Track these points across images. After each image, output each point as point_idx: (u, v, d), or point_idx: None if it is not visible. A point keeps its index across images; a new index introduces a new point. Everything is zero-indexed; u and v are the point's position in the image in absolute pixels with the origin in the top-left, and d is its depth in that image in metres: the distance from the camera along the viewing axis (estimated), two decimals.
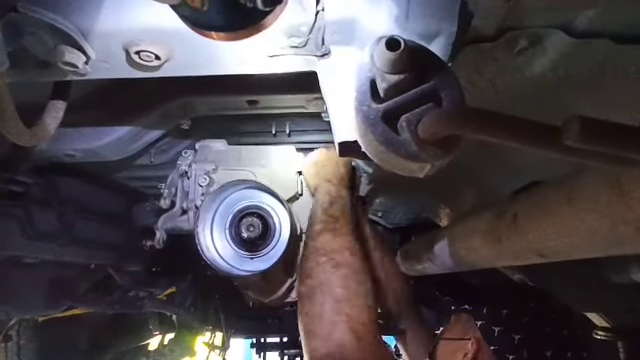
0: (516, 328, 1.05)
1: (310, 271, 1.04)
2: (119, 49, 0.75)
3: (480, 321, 1.13)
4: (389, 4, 0.70)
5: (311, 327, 0.94)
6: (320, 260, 1.04)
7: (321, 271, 1.01)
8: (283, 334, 2.73)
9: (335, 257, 1.04)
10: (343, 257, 1.04)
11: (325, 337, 0.90)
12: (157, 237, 1.50)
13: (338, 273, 1.00)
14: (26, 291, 1.63)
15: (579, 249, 0.75)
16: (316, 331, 0.92)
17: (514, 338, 1.02)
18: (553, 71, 0.78)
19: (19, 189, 1.38)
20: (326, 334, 0.90)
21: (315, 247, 1.09)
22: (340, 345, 0.87)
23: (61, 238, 1.54)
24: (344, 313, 0.92)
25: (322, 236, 1.12)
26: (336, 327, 0.90)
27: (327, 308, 0.94)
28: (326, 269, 1.01)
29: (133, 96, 1.26)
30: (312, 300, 0.98)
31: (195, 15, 0.64)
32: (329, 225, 1.14)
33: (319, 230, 1.14)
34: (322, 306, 0.94)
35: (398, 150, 0.58)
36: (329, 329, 0.90)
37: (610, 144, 0.39)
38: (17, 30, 0.68)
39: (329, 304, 0.94)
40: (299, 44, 0.76)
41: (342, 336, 0.89)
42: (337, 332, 0.89)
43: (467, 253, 1.21)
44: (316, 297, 0.97)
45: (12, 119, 0.72)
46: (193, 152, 1.52)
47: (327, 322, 0.92)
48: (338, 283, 0.98)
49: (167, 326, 2.62)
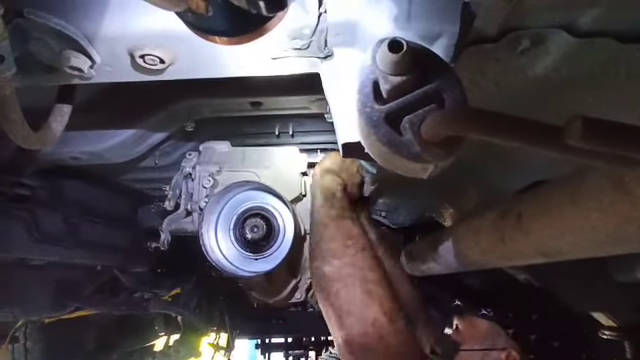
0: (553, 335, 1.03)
1: (338, 252, 1.05)
2: (124, 53, 0.76)
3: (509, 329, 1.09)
4: (391, 6, 0.70)
5: (344, 306, 0.95)
6: (347, 243, 1.06)
7: (350, 253, 1.03)
8: (288, 335, 2.74)
9: (360, 241, 1.06)
10: (366, 243, 1.06)
11: (359, 316, 0.92)
12: (162, 239, 1.51)
13: (366, 257, 1.02)
14: (32, 293, 1.65)
15: (583, 248, 0.75)
16: (350, 310, 0.93)
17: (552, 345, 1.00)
18: (556, 71, 0.78)
19: (25, 192, 1.39)
20: (360, 313, 0.92)
21: (339, 228, 1.10)
22: (375, 324, 0.89)
23: (67, 240, 1.55)
24: (375, 294, 0.94)
25: (344, 221, 1.13)
26: (370, 307, 0.92)
27: (359, 288, 0.95)
28: (354, 252, 1.03)
29: (137, 99, 1.27)
30: (343, 280, 0.99)
31: (199, 20, 0.64)
32: (347, 212, 1.16)
33: (339, 214, 1.15)
34: (354, 286, 0.96)
35: (401, 151, 0.58)
36: (362, 308, 0.92)
37: (613, 144, 0.39)
38: (24, 35, 0.69)
39: (360, 284, 0.96)
40: (302, 46, 0.76)
41: (376, 316, 0.91)
42: (371, 312, 0.91)
43: (471, 253, 1.21)
44: (347, 278, 0.99)
45: (19, 123, 0.73)
46: (197, 154, 1.53)
47: (360, 301, 0.94)
48: (366, 266, 1.00)
49: (172, 327, 2.64)
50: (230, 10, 0.60)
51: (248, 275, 1.42)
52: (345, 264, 1.01)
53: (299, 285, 1.68)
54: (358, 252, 1.04)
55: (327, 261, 1.06)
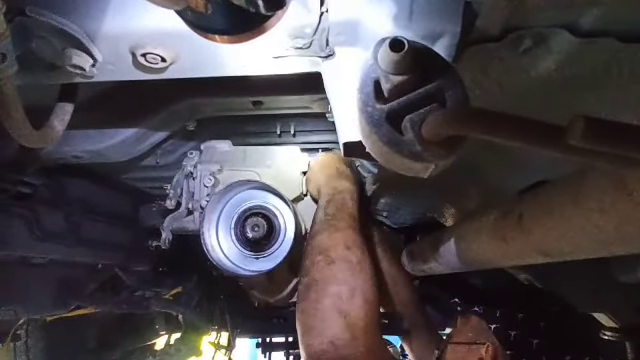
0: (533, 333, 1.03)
1: (306, 269, 1.05)
2: (126, 52, 0.76)
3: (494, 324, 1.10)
4: (393, 5, 0.70)
5: (306, 323, 0.94)
6: (315, 259, 1.05)
7: (316, 269, 1.02)
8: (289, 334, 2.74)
9: (330, 254, 1.04)
10: (337, 253, 1.04)
11: (319, 333, 0.90)
12: (163, 237, 1.51)
13: (333, 269, 1.00)
14: (34, 291, 1.65)
15: (585, 249, 0.75)
16: (310, 326, 0.92)
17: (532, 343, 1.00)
18: (558, 71, 0.78)
19: (27, 190, 1.40)
20: (320, 330, 0.90)
21: (312, 246, 1.11)
22: (334, 341, 0.87)
23: (68, 238, 1.55)
24: (339, 309, 0.92)
25: (318, 235, 1.13)
26: (330, 323, 0.90)
27: (322, 305, 0.94)
28: (320, 266, 1.02)
29: (139, 98, 1.27)
30: (307, 297, 0.98)
31: (199, 19, 0.64)
32: (325, 224, 1.16)
33: (316, 230, 1.16)
34: (316, 302, 0.95)
35: (402, 150, 0.58)
36: (323, 325, 0.91)
37: (615, 144, 0.39)
38: (26, 33, 0.69)
39: (325, 301, 0.95)
40: (303, 45, 0.76)
41: (337, 332, 0.88)
42: (331, 328, 0.89)
43: (472, 253, 1.21)
44: (310, 294, 0.98)
45: (21, 121, 0.73)
46: (198, 153, 1.53)
47: (321, 318, 0.92)
48: (333, 280, 0.98)
49: (173, 326, 2.64)
50: (229, 8, 0.60)
51: (249, 274, 1.42)
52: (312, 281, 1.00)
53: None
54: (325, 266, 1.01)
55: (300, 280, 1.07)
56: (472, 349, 0.99)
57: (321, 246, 1.08)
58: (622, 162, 0.42)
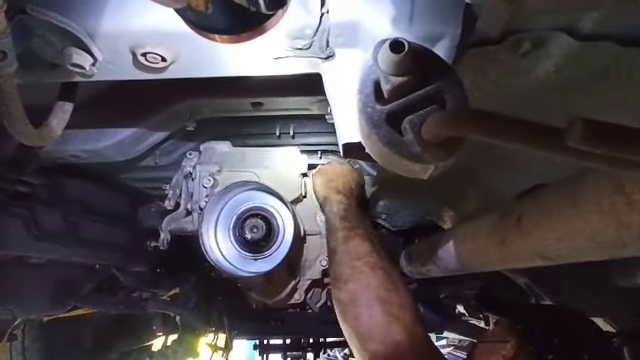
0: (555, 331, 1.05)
1: (348, 276, 1.04)
2: (126, 51, 0.76)
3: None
4: (393, 7, 0.70)
5: (364, 331, 0.94)
6: (356, 264, 1.05)
7: (361, 275, 1.02)
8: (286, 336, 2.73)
9: (370, 260, 1.05)
10: (376, 259, 1.05)
11: (382, 339, 0.91)
12: (161, 238, 1.50)
13: (378, 275, 1.01)
14: (31, 291, 1.65)
15: (583, 252, 0.75)
16: (372, 334, 0.93)
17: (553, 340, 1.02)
18: (557, 73, 0.78)
19: (25, 189, 1.39)
20: (382, 336, 0.91)
21: (347, 251, 1.10)
22: (397, 345, 0.89)
23: (66, 238, 1.55)
24: (393, 314, 0.94)
25: (350, 241, 1.12)
26: (390, 328, 0.91)
27: (376, 310, 0.95)
28: (365, 272, 1.02)
29: (138, 98, 1.27)
30: (358, 304, 0.98)
31: (199, 18, 0.64)
32: (353, 230, 1.15)
33: (345, 236, 1.15)
34: (370, 309, 0.95)
35: (402, 151, 0.58)
36: (383, 331, 0.92)
37: (613, 146, 0.39)
38: (26, 32, 0.69)
39: (377, 306, 0.95)
40: (303, 46, 0.76)
41: (397, 336, 0.90)
42: (391, 333, 0.91)
43: (471, 255, 1.21)
44: (362, 301, 0.98)
45: (20, 120, 0.73)
46: (197, 154, 1.53)
47: (379, 324, 0.93)
48: (379, 285, 0.99)
49: (170, 327, 2.63)
50: (229, 8, 0.60)
51: (247, 275, 1.42)
52: (360, 287, 1.01)
53: (298, 286, 1.67)
54: (369, 271, 1.03)
55: (340, 287, 1.05)
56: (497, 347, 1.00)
57: (358, 251, 1.08)
58: (621, 164, 0.42)
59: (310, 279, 1.65)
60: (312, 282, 1.68)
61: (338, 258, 1.11)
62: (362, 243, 1.12)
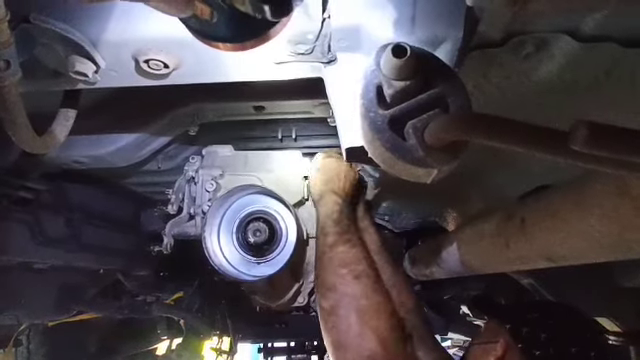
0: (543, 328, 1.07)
1: (332, 284, 1.05)
2: (128, 58, 0.76)
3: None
4: (395, 11, 0.70)
5: (341, 340, 0.95)
6: (341, 272, 1.05)
7: (343, 283, 1.03)
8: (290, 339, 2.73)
9: (356, 268, 1.05)
10: (362, 267, 1.05)
11: (356, 350, 0.92)
12: (165, 242, 1.51)
13: (360, 284, 1.01)
14: (36, 296, 1.65)
15: (587, 254, 0.74)
16: (346, 344, 0.94)
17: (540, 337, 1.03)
18: (560, 76, 0.78)
19: (29, 195, 1.40)
20: (356, 346, 0.92)
21: (333, 259, 1.10)
22: (371, 355, 0.90)
23: (70, 244, 1.55)
24: (370, 324, 0.94)
25: (338, 247, 1.12)
26: (365, 338, 0.92)
27: (353, 320, 0.95)
28: (348, 281, 1.03)
29: (141, 103, 1.27)
30: (338, 313, 0.99)
31: (203, 27, 0.65)
32: (343, 236, 1.15)
33: (333, 242, 1.14)
34: (348, 319, 0.96)
35: (405, 156, 0.58)
36: (358, 341, 0.93)
37: (617, 149, 0.39)
38: (30, 41, 0.70)
39: (355, 316, 0.96)
40: (306, 51, 0.76)
41: (372, 347, 0.91)
42: (366, 343, 0.92)
43: (475, 258, 1.21)
44: (341, 310, 0.99)
45: (24, 128, 0.74)
46: (200, 158, 1.53)
47: (355, 334, 0.94)
48: (361, 294, 1.00)
49: (175, 331, 2.64)
50: (235, 17, 0.60)
51: (250, 279, 1.42)
52: (342, 296, 1.01)
53: (301, 289, 1.67)
54: (352, 280, 1.03)
55: (324, 295, 1.06)
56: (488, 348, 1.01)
57: (345, 259, 1.08)
58: (625, 167, 0.42)
59: (313, 282, 1.65)
60: None
61: (324, 264, 1.11)
62: (350, 250, 1.11)
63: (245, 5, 0.56)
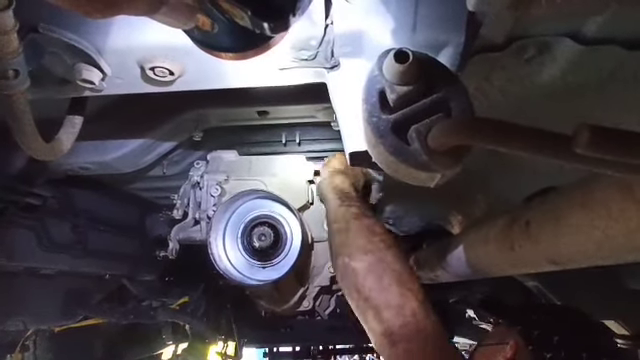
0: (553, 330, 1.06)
1: (364, 247, 1.05)
2: (134, 65, 0.77)
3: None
4: (397, 16, 0.71)
5: (382, 300, 0.95)
6: (373, 239, 1.06)
7: (377, 248, 1.03)
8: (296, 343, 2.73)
9: (386, 238, 1.06)
10: (391, 238, 1.07)
11: (398, 309, 0.92)
12: (170, 247, 1.51)
13: (392, 252, 1.02)
14: (42, 302, 1.66)
15: (593, 256, 0.74)
16: (389, 304, 0.94)
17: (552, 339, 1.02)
18: (562, 78, 0.78)
19: (36, 202, 1.41)
20: (398, 305, 0.92)
21: (362, 226, 1.11)
22: (415, 314, 0.90)
23: (76, 249, 1.56)
24: (410, 287, 0.95)
25: (366, 218, 1.13)
26: (408, 299, 0.93)
27: (393, 282, 0.96)
28: (381, 248, 1.03)
29: (146, 109, 1.29)
30: (374, 274, 0.99)
31: (205, 37, 0.65)
32: (366, 210, 1.17)
33: (358, 212, 1.16)
34: (387, 280, 0.97)
35: (408, 160, 0.58)
36: (400, 300, 0.93)
37: (620, 152, 0.39)
38: (38, 50, 0.71)
39: (393, 278, 0.97)
40: (309, 57, 0.77)
41: (414, 306, 0.91)
42: (409, 302, 0.92)
43: (480, 261, 1.20)
44: (378, 272, 0.99)
45: (32, 135, 0.75)
46: (205, 163, 1.54)
47: (396, 294, 0.94)
48: (394, 260, 1.00)
49: (180, 336, 2.64)
50: (235, 27, 0.61)
51: (256, 283, 1.42)
52: (375, 259, 1.02)
53: (307, 293, 1.67)
54: (385, 249, 1.04)
55: (356, 257, 1.05)
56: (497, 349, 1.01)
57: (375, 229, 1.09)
58: (628, 169, 0.42)
59: (319, 286, 1.65)
60: (321, 289, 1.68)
61: (355, 228, 1.11)
62: (377, 222, 1.13)
63: (244, 20, 0.57)
